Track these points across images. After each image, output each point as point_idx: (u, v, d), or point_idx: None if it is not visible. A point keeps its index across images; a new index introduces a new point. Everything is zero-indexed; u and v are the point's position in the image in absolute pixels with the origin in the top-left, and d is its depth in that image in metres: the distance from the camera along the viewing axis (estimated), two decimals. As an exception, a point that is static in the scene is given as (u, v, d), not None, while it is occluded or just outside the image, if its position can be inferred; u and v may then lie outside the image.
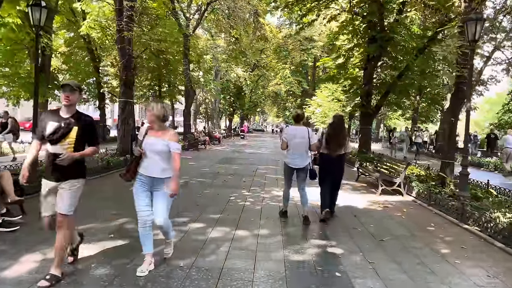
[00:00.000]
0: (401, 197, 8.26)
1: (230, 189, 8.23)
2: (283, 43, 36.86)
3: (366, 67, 16.12)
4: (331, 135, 6.05)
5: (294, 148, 5.71)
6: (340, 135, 6.06)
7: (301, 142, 5.68)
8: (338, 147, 5.98)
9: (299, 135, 5.70)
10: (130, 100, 13.49)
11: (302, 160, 5.74)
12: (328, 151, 6.02)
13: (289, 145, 5.72)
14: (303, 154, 5.76)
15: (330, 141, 6.01)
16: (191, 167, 11.93)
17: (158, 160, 3.67)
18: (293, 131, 5.81)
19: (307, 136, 5.70)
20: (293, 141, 5.69)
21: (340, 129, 6.13)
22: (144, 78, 32.51)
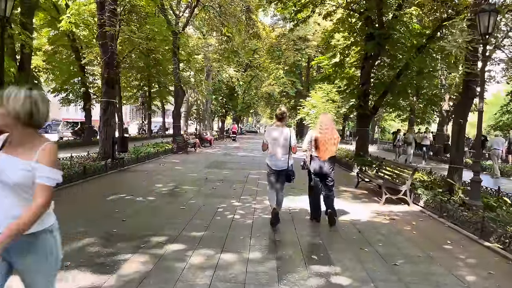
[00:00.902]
0: (407, 206, 7.49)
1: (218, 199, 7.39)
2: (276, 43, 36.14)
3: (363, 66, 15.40)
4: (322, 136, 5.72)
5: (275, 149, 5.50)
6: (331, 135, 5.74)
7: (284, 143, 5.46)
8: (329, 148, 5.71)
9: (280, 136, 5.47)
10: (113, 100, 12.60)
11: (284, 162, 5.49)
12: (318, 154, 5.75)
13: (270, 146, 5.53)
14: (284, 156, 5.49)
15: (320, 143, 5.72)
16: (177, 173, 11.06)
17: (10, 199, 1.86)
18: (275, 131, 5.56)
19: (288, 137, 5.48)
20: (274, 142, 5.49)
21: (331, 130, 5.79)
22: (133, 78, 31.65)
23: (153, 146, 17.70)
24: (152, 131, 39.68)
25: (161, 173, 10.76)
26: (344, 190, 9.15)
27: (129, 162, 12.21)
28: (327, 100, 28.23)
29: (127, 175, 10.31)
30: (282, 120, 5.67)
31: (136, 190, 8.06)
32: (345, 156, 17.31)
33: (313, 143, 5.82)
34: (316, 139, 5.77)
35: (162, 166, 12.51)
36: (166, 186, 8.62)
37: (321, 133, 5.75)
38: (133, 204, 6.67)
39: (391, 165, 9.15)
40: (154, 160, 14.32)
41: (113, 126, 12.61)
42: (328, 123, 5.86)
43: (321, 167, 5.77)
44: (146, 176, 10.08)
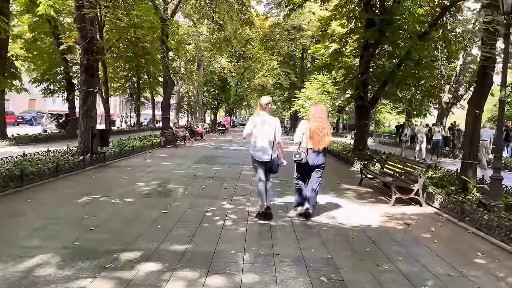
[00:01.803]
0: (420, 208, 6.66)
1: (207, 200, 6.49)
2: (269, 33, 35.07)
3: (363, 54, 14.51)
4: (314, 127, 5.46)
5: (259, 139, 5.26)
6: (324, 126, 5.50)
7: (269, 133, 5.24)
8: (321, 140, 5.45)
9: (265, 125, 5.26)
10: (93, 89, 11.59)
11: (268, 153, 5.26)
12: (312, 145, 5.48)
13: (254, 136, 5.31)
14: (269, 147, 5.25)
15: (313, 134, 5.46)
16: (163, 169, 10.12)
17: None
18: (260, 120, 5.31)
19: (273, 127, 5.29)
20: (258, 132, 5.26)
21: (323, 120, 5.54)
22: (121, 69, 30.43)
23: (140, 139, 16.71)
24: (142, 123, 38.56)
25: (145, 169, 9.82)
26: (347, 188, 8.30)
27: (111, 157, 11.23)
28: (323, 92, 27.45)
29: (107, 172, 9.34)
30: (267, 109, 5.42)
31: (113, 189, 7.13)
32: (342, 150, 16.49)
33: (307, 134, 5.49)
34: (310, 129, 5.48)
35: (147, 161, 11.56)
36: (149, 185, 7.69)
37: (315, 123, 5.49)
38: (106, 208, 5.74)
39: (400, 161, 8.26)
40: (140, 154, 13.36)
41: (94, 118, 11.60)
42: (322, 113, 5.63)
43: (316, 158, 5.50)
44: (128, 173, 9.13)
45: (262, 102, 5.48)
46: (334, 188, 8.16)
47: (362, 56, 14.69)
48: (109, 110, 27.15)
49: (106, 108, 26.81)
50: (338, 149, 17.19)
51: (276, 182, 8.60)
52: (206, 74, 33.83)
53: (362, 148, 15.03)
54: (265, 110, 5.40)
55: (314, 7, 33.81)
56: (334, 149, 16.66)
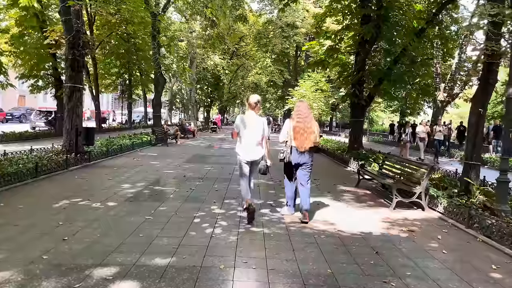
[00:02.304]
0: (422, 212, 6.27)
1: (196, 204, 6.04)
2: (263, 30, 34.62)
3: (359, 51, 14.13)
4: (298, 125, 5.28)
5: (247, 139, 5.15)
6: (308, 124, 5.29)
7: (255, 133, 5.15)
8: (307, 138, 5.24)
9: (252, 125, 5.14)
10: (79, 85, 11.05)
11: (255, 153, 5.20)
12: (296, 144, 5.28)
13: (241, 135, 5.18)
14: (256, 146, 5.19)
15: (297, 132, 5.27)
16: (152, 169, 9.63)
17: None
18: (247, 119, 5.18)
19: (261, 126, 5.19)
20: (245, 131, 5.14)
21: (308, 118, 5.34)
22: (112, 65, 29.80)
23: (129, 137, 16.20)
24: (134, 121, 37.90)
25: (132, 169, 9.33)
26: (344, 190, 7.89)
27: (97, 156, 10.72)
28: (316, 90, 27.08)
29: (91, 172, 8.83)
30: (255, 108, 5.26)
31: (96, 192, 6.64)
32: (337, 149, 16.12)
33: (290, 133, 5.33)
34: (293, 128, 5.30)
35: (136, 161, 11.07)
36: (135, 187, 7.22)
37: (298, 122, 5.30)
38: (85, 214, 5.27)
39: (399, 162, 7.86)
40: (128, 153, 12.85)
41: (80, 115, 11.08)
42: (305, 111, 5.40)
43: (299, 158, 5.32)
44: (114, 173, 8.63)
45: (250, 101, 5.27)
46: (331, 190, 7.75)
47: (357, 53, 14.31)
48: (100, 107, 26.63)
49: (97, 105, 26.28)
50: (332, 148, 16.83)
51: (270, 183, 8.19)
52: (199, 71, 33.30)
53: (357, 147, 14.67)
54: (254, 109, 5.25)
55: (308, 5, 33.47)
56: (328, 148, 16.28)
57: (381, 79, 14.14)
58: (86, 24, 24.02)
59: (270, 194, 7.15)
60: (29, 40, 20.22)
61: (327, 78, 29.52)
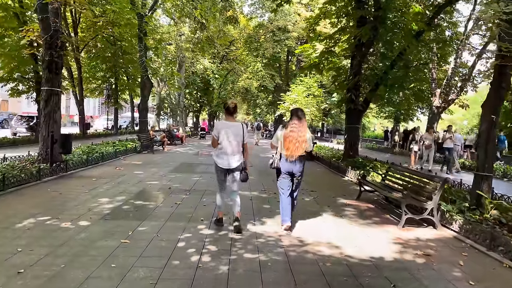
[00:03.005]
0: (434, 230, 5.65)
1: (181, 223, 5.32)
2: (254, 34, 34.06)
3: (354, 55, 13.59)
4: (291, 132, 5.09)
5: (225, 146, 4.99)
6: (301, 131, 5.09)
7: (233, 140, 4.98)
8: (300, 146, 5.04)
9: (232, 131, 4.99)
10: (57, 89, 10.25)
11: (234, 160, 5.03)
12: (287, 152, 5.09)
13: (220, 142, 5.01)
14: (235, 154, 5.03)
15: (289, 139, 5.07)
16: (134, 180, 8.84)
17: None
18: (225, 126, 5.02)
19: (241, 132, 5.04)
20: (224, 138, 4.98)
21: (301, 125, 5.14)
22: (98, 69, 28.88)
23: (113, 144, 15.36)
24: (121, 126, 36.89)
25: (113, 180, 8.54)
26: (344, 203, 7.23)
27: (75, 165, 9.90)
28: (308, 95, 26.56)
29: (66, 184, 8.01)
30: (234, 113, 5.13)
31: (68, 208, 5.87)
32: (332, 156, 15.52)
33: (281, 141, 5.17)
34: (285, 137, 5.12)
35: (117, 170, 10.26)
36: (113, 201, 6.45)
37: (292, 131, 5.09)
38: (51, 236, 4.51)
39: (406, 173, 7.20)
40: (111, 161, 12.04)
41: (58, 121, 10.27)
42: (300, 119, 5.18)
43: (290, 166, 5.14)
44: (92, 185, 7.84)
45: (228, 105, 5.11)
46: (331, 204, 7.09)
47: (353, 56, 13.78)
48: (84, 112, 25.69)
49: (81, 110, 25.33)
50: (327, 155, 16.23)
51: (263, 196, 7.49)
52: (188, 76, 32.54)
53: (353, 154, 14.08)
54: (231, 114, 5.11)
55: (299, 8, 33.07)
56: (323, 156, 15.67)
57: (377, 84, 13.65)
58: (71, 26, 23.29)
59: (264, 209, 6.46)
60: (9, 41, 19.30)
61: (319, 83, 29.08)
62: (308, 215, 6.12)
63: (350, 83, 13.47)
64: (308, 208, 6.64)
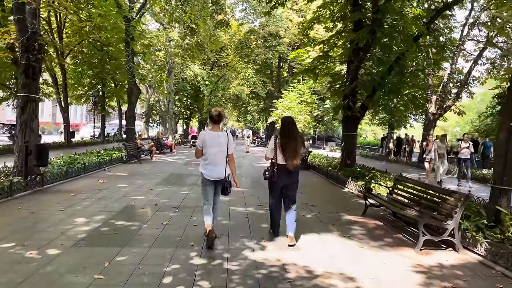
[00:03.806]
0: (455, 253, 5.00)
1: (167, 249, 4.58)
2: (245, 40, 33.54)
3: (351, 59, 13.05)
4: (284, 143, 5.01)
5: (211, 156, 4.83)
6: (295, 141, 5.02)
7: (219, 150, 4.84)
8: (293, 157, 4.97)
9: (217, 141, 4.83)
10: (34, 95, 9.46)
11: (221, 171, 4.88)
12: (283, 162, 5.01)
13: (205, 152, 4.86)
14: (221, 164, 4.87)
15: (284, 150, 5.01)
16: (117, 194, 8.04)
17: None
18: (210, 135, 4.86)
19: (226, 142, 4.87)
20: (210, 148, 4.82)
21: (293, 135, 5.07)
22: (85, 75, 27.96)
23: (97, 153, 14.53)
24: (109, 134, 35.83)
25: (93, 195, 7.75)
26: (349, 221, 6.55)
27: (54, 178, 9.08)
28: (301, 102, 26.04)
29: (40, 201, 7.19)
30: (218, 122, 4.93)
31: (38, 231, 5.09)
32: (327, 165, 14.89)
33: (276, 151, 5.05)
34: (279, 146, 5.02)
35: (100, 183, 9.46)
36: (91, 222, 5.68)
37: (284, 139, 5.01)
38: (10, 270, 3.73)
39: (419, 186, 6.50)
40: (94, 173, 11.22)
41: (35, 130, 9.46)
42: (291, 126, 5.11)
43: (287, 178, 5.05)
44: (69, 202, 7.04)
45: (212, 114, 4.88)
46: (335, 221, 6.41)
47: (350, 61, 13.25)
48: (69, 119, 24.72)
49: (65, 118, 24.33)
50: (322, 164, 15.60)
51: (260, 213, 6.77)
52: (178, 82, 31.79)
53: (350, 163, 13.49)
54: (216, 123, 4.92)
55: (291, 14, 32.70)
56: (319, 164, 15.03)
57: (374, 89, 13.13)
58: (55, 31, 22.41)
59: (263, 229, 5.75)
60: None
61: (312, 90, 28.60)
62: (313, 236, 5.44)
63: (347, 89, 12.92)
64: (312, 227, 5.96)
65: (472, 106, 39.71)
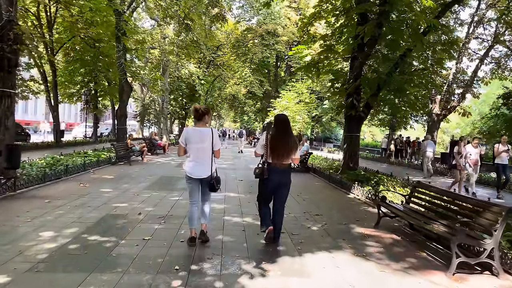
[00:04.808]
0: (494, 278, 4.17)
1: (145, 277, 3.69)
2: (242, 38, 32.69)
3: (355, 56, 12.23)
4: (277, 140, 4.74)
5: (194, 153, 4.58)
6: (287, 140, 4.76)
7: (203, 147, 4.57)
8: (285, 156, 4.74)
9: (201, 138, 4.57)
10: (9, 90, 8.57)
11: (205, 169, 4.60)
12: (274, 161, 4.74)
13: (188, 150, 4.62)
14: (206, 161, 4.60)
15: (276, 148, 4.72)
16: (98, 200, 7.14)
17: None
18: (193, 132, 4.59)
19: (210, 139, 4.60)
20: (193, 146, 4.57)
21: (286, 133, 4.82)
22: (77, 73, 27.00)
23: (84, 154, 13.62)
24: (102, 134, 34.83)
25: (71, 202, 6.86)
26: (362, 234, 5.68)
27: (30, 182, 8.18)
28: (300, 101, 25.22)
29: (7, 209, 6.27)
30: (202, 119, 4.69)
31: (-11, 251, 4.21)
32: (328, 168, 14.06)
33: (268, 147, 4.78)
34: (270, 142, 4.78)
35: (82, 187, 8.56)
36: (59, 237, 4.78)
37: (276, 136, 4.80)
38: None
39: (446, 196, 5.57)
40: (78, 175, 10.31)
41: (11, 129, 8.56)
42: (284, 124, 4.92)
43: (278, 177, 4.81)
44: (40, 210, 6.14)
45: (195, 111, 4.69)
46: (346, 235, 5.55)
47: (353, 58, 12.44)
48: (59, 118, 23.75)
49: (55, 117, 23.35)
50: (323, 166, 14.76)
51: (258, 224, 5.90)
52: (173, 81, 30.88)
53: (353, 166, 12.67)
54: (200, 120, 4.69)
55: (289, 12, 31.92)
56: (320, 167, 14.18)
57: (379, 87, 12.33)
58: (45, 26, 21.44)
59: (262, 246, 4.89)
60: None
61: (310, 89, 27.79)
62: (322, 255, 4.58)
63: (350, 87, 12.09)
64: (319, 242, 5.10)
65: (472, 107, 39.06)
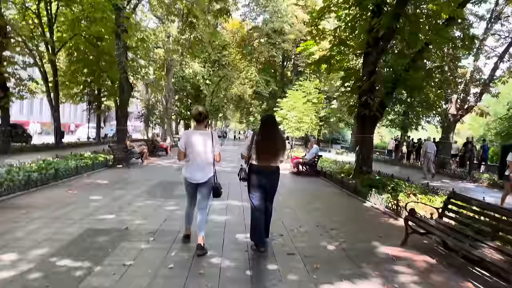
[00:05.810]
0: None
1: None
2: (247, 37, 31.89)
3: (369, 51, 11.32)
4: (262, 141, 4.59)
5: (194, 157, 4.43)
6: (274, 141, 4.64)
7: (202, 150, 4.43)
8: (272, 157, 4.63)
9: (200, 142, 4.42)
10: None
11: (204, 173, 4.46)
12: (259, 163, 4.60)
13: (188, 153, 4.45)
14: (206, 166, 4.46)
15: (261, 150, 4.58)
16: (82, 211, 6.26)
17: None
18: (193, 134, 4.46)
19: (210, 142, 4.47)
20: (192, 148, 4.42)
21: (274, 134, 4.68)
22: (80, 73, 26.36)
23: (79, 157, 12.83)
24: (106, 135, 34.12)
25: (49, 214, 6.01)
26: (388, 256, 4.74)
27: (11, 189, 7.37)
28: (307, 101, 24.27)
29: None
30: (202, 121, 4.48)
31: None
32: (339, 171, 13.10)
33: (253, 149, 4.60)
34: (256, 144, 4.57)
35: (69, 194, 7.74)
36: (20, 263, 3.91)
37: (263, 137, 4.59)
38: None
39: (493, 212, 4.57)
40: (69, 180, 9.50)
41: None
42: (272, 125, 4.74)
43: (265, 180, 4.59)
44: (10, 224, 5.29)
45: (194, 113, 4.51)
46: (369, 257, 4.62)
47: (367, 53, 11.53)
48: (60, 119, 23.08)
49: (56, 117, 22.67)
50: (333, 170, 13.79)
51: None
52: (178, 81, 30.14)
53: (366, 170, 11.73)
54: (199, 123, 4.51)
55: (296, 10, 31.07)
56: (331, 171, 13.22)
57: (394, 85, 11.42)
58: (46, 25, 20.78)
59: (269, 274, 4.00)
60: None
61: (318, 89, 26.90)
62: (344, 286, 3.68)
63: (365, 85, 11.16)
64: (338, 267, 4.20)
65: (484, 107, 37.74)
